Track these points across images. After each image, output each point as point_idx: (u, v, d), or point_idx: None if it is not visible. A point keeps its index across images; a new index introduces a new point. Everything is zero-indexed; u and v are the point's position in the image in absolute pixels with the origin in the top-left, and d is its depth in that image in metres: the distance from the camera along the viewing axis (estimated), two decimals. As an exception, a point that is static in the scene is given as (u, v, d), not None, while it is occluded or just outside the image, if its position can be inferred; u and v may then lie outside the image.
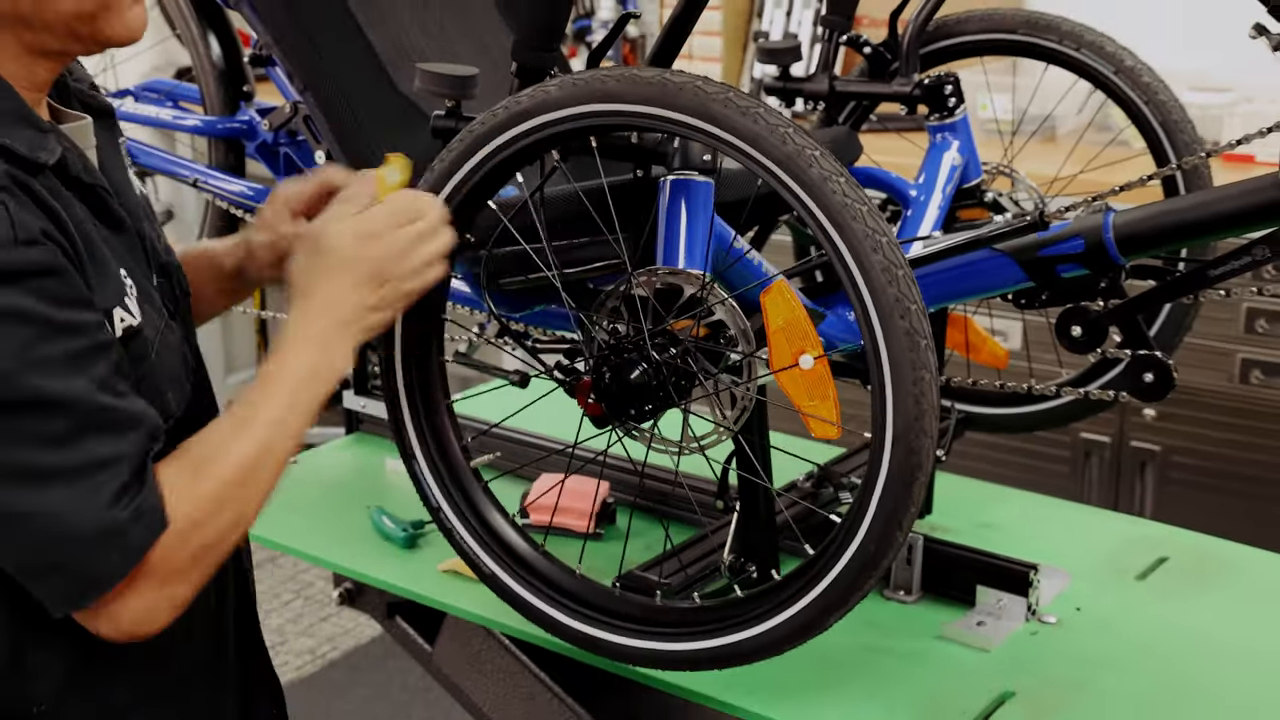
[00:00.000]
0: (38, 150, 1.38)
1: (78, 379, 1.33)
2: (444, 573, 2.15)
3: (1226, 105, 3.67)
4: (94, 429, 1.34)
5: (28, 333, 1.31)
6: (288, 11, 2.10)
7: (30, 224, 1.32)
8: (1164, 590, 2.11)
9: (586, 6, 4.74)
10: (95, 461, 1.34)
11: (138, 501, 1.36)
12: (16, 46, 1.42)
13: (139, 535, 1.36)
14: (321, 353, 1.55)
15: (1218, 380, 3.36)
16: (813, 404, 1.61)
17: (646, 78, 1.57)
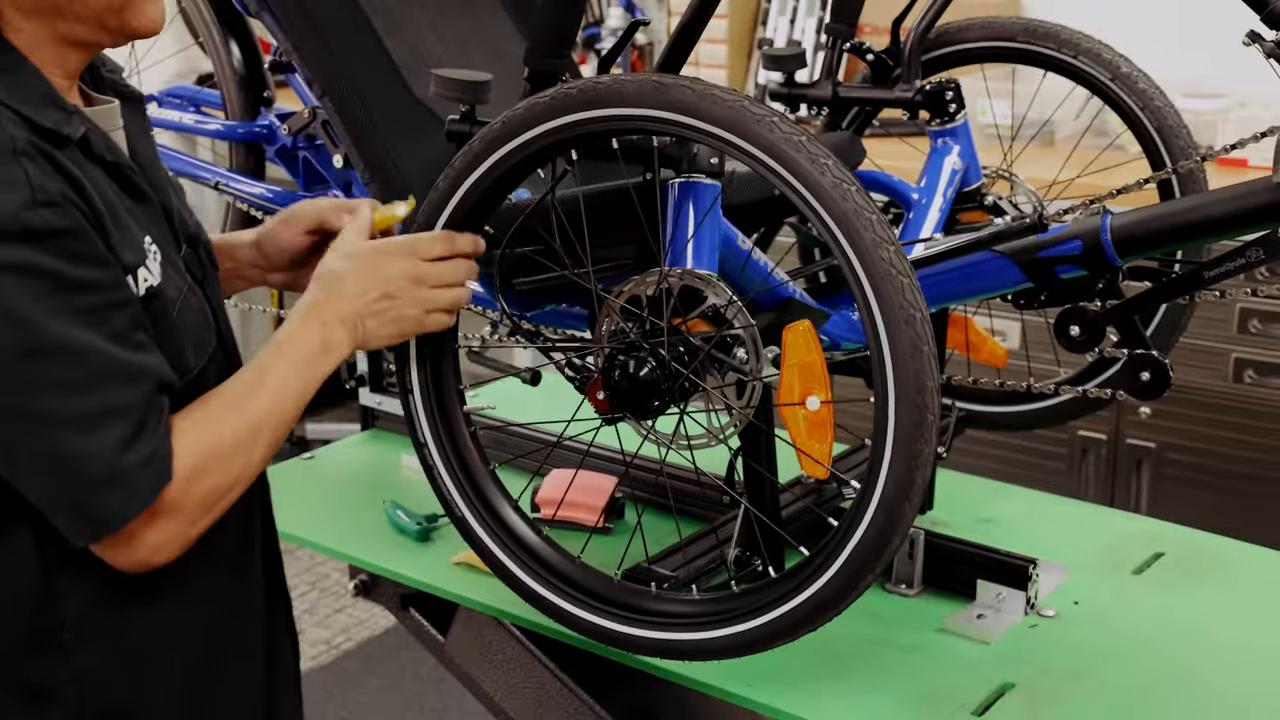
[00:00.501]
0: (63, 126, 1.47)
1: (91, 331, 1.42)
2: (456, 565, 2.19)
3: (1220, 111, 3.69)
4: (106, 379, 1.43)
5: (45, 286, 1.39)
6: (307, 19, 2.13)
7: (49, 187, 1.41)
8: (1160, 584, 2.14)
9: (596, 14, 4.77)
10: (107, 409, 1.43)
11: (148, 449, 1.45)
12: (50, 36, 1.51)
13: (148, 480, 1.45)
14: (328, 334, 1.66)
15: (1212, 379, 3.39)
16: (808, 443, 1.66)
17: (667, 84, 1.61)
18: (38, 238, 1.39)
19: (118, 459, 1.43)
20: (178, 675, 1.64)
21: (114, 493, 1.44)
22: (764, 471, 1.85)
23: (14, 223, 1.38)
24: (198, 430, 1.52)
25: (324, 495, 2.47)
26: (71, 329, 1.41)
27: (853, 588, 1.61)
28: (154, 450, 1.45)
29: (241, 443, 1.55)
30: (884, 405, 1.54)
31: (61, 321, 1.40)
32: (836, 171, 1.53)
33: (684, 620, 1.75)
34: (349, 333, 1.68)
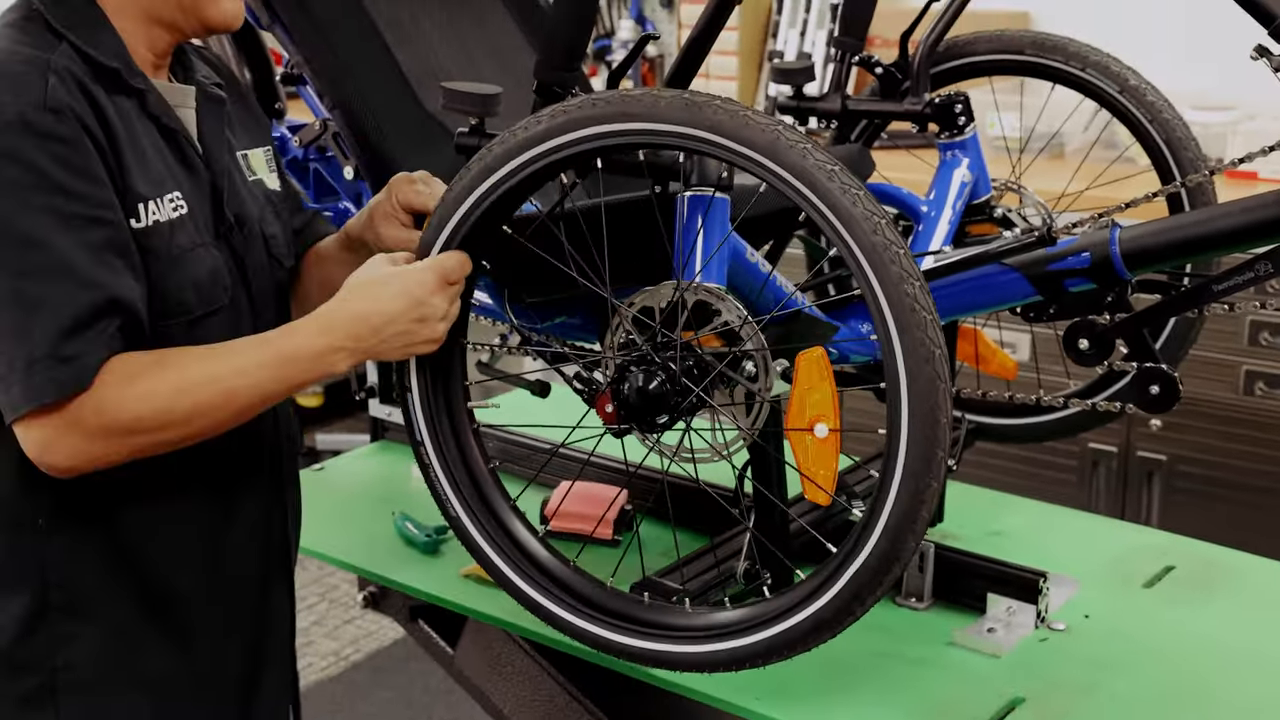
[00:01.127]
0: (128, 78, 1.64)
1: (62, 232, 1.53)
2: (465, 577, 2.19)
3: (1229, 123, 3.69)
4: (57, 275, 1.53)
5: (28, 178, 1.52)
6: (318, 32, 2.14)
7: (63, 99, 1.55)
8: (1171, 598, 2.13)
9: (606, 27, 4.78)
10: (46, 300, 1.53)
11: (70, 350, 1.53)
12: (135, 9, 1.68)
13: (58, 378, 1.53)
14: (329, 349, 1.68)
15: (1222, 392, 3.38)
16: (813, 469, 1.66)
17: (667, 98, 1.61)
18: (36, 134, 1.52)
19: (37, 347, 1.52)
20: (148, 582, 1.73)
21: (24, 379, 1.53)
22: (767, 494, 1.84)
23: (16, 117, 1.52)
24: (141, 366, 1.58)
25: (333, 506, 2.48)
26: (41, 222, 1.52)
27: (850, 612, 1.62)
28: (76, 354, 1.53)
29: (172, 395, 1.59)
30: (895, 437, 1.54)
31: (33, 213, 1.52)
32: (868, 204, 1.53)
33: (682, 633, 1.75)
34: (353, 353, 1.70)
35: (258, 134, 1.91)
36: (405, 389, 1.86)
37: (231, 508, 1.80)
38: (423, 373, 1.85)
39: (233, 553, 1.81)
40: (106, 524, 1.69)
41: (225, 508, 1.79)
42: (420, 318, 1.71)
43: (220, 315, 1.73)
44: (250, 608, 1.85)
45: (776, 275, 1.86)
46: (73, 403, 1.54)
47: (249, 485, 1.82)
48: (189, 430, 1.63)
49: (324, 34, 2.14)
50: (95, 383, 1.55)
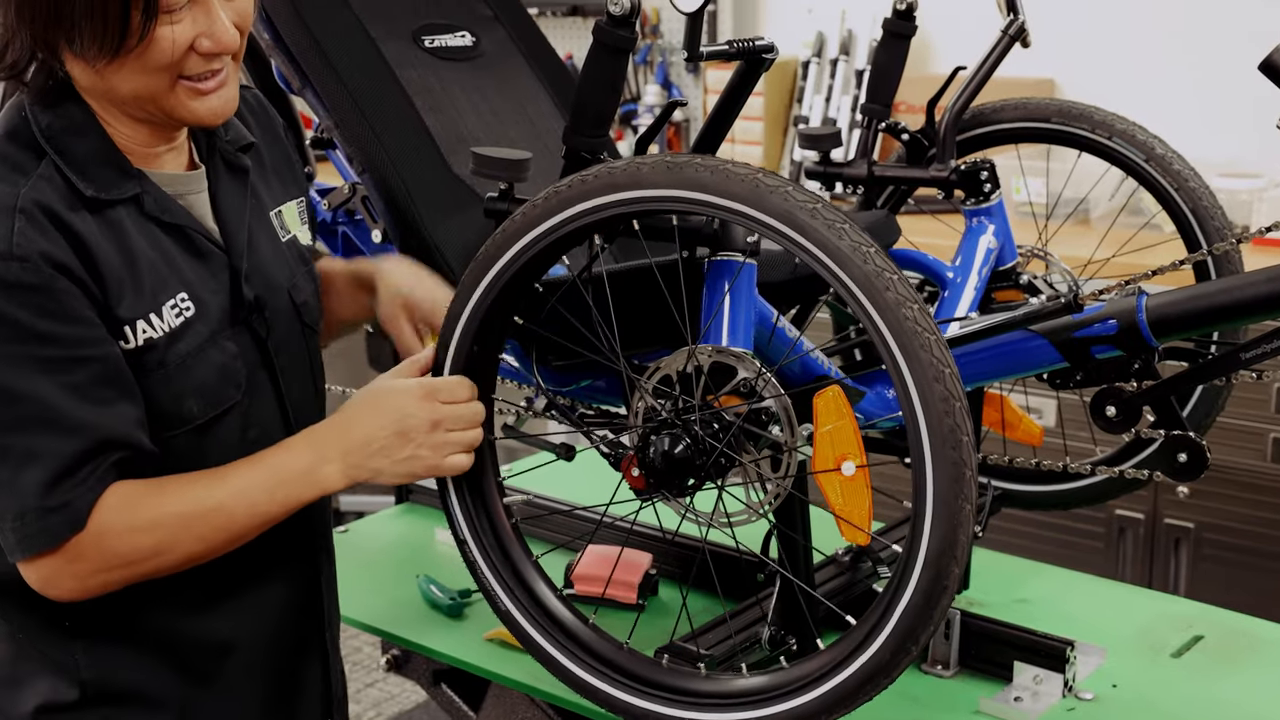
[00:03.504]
0: (110, 189, 1.61)
1: (42, 379, 1.52)
2: (489, 641, 2.19)
3: (1255, 191, 3.69)
4: (39, 425, 1.53)
5: (1, 332, 1.51)
6: (349, 98, 2.16)
7: (29, 246, 1.52)
8: (1199, 668, 2.12)
9: (634, 92, 4.82)
10: (31, 452, 1.53)
11: (61, 499, 1.54)
12: (117, 112, 1.64)
13: (51, 527, 1.54)
14: (318, 464, 1.68)
15: (1251, 459, 3.37)
16: (847, 509, 1.65)
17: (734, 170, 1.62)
18: (4, 287, 1.50)
19: (26, 501, 1.53)
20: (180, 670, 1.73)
21: (16, 530, 1.54)
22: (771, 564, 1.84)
23: None
24: (139, 496, 1.59)
25: (357, 569, 2.47)
26: (18, 374, 1.51)
27: (897, 663, 1.60)
28: (65, 502, 1.54)
29: (169, 525, 1.60)
30: (921, 495, 1.54)
31: (9, 364, 1.51)
32: (854, 235, 1.53)
33: (705, 699, 1.74)
34: (344, 468, 1.68)
35: (291, 183, 1.91)
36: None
37: (265, 587, 1.80)
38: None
39: (268, 629, 1.81)
40: (136, 614, 1.69)
41: (259, 586, 1.79)
42: (401, 431, 1.69)
43: (232, 413, 1.71)
44: (287, 678, 1.85)
45: (804, 340, 1.86)
46: (69, 542, 1.56)
47: (283, 562, 1.82)
48: (189, 556, 1.63)
49: (355, 99, 2.16)
50: (91, 519, 1.56)
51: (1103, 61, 4.12)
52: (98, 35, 1.53)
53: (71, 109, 1.62)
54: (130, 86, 1.59)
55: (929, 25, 2.69)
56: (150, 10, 1.54)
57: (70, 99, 1.62)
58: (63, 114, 1.62)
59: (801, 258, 1.56)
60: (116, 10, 1.53)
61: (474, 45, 2.39)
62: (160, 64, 1.58)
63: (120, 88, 1.60)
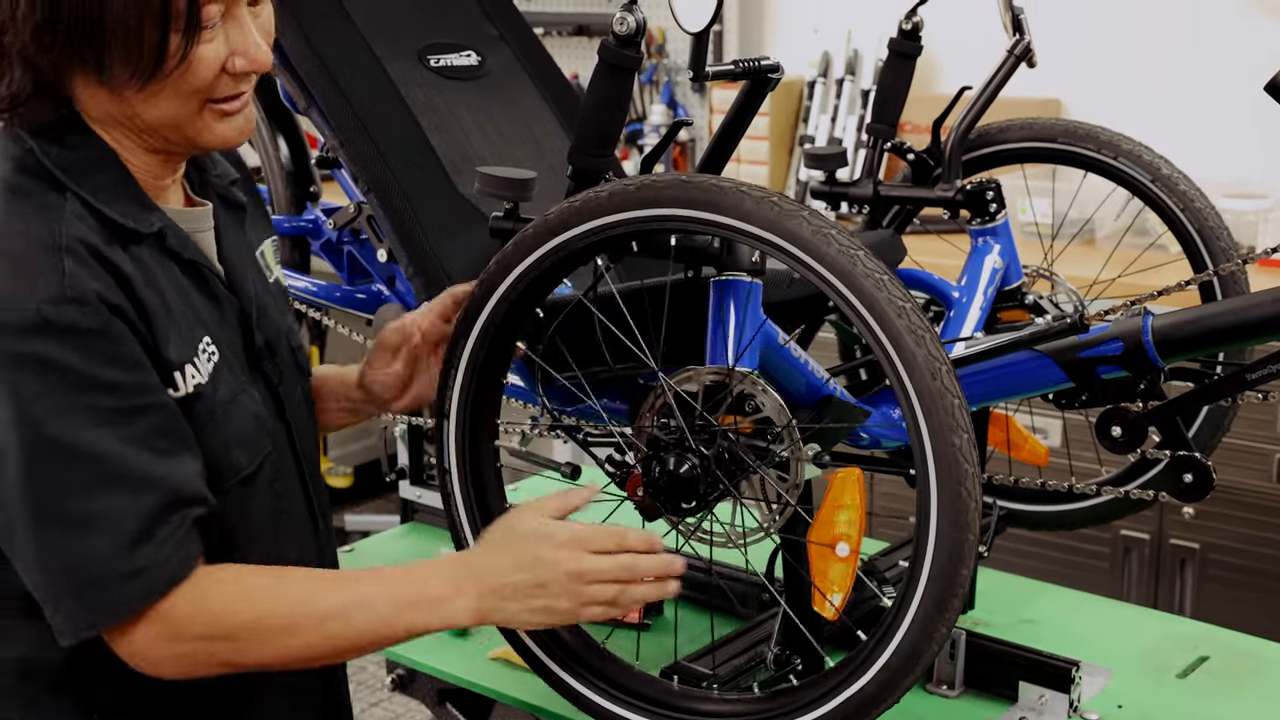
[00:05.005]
0: (138, 222, 1.50)
1: (105, 432, 1.42)
2: (494, 660, 2.19)
3: (1261, 211, 3.70)
4: (109, 484, 1.42)
5: (59, 382, 1.39)
6: (355, 117, 2.17)
7: (83, 286, 1.41)
8: (1205, 689, 2.11)
9: (639, 111, 4.83)
10: (104, 515, 1.42)
11: (144, 561, 1.43)
12: (131, 143, 1.54)
13: (133, 592, 1.44)
14: (452, 596, 1.57)
15: (1256, 480, 3.37)
16: (825, 583, 1.67)
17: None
18: (59, 333, 1.39)
19: (100, 568, 1.43)
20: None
21: (92, 601, 1.44)
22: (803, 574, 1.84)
23: (35, 316, 1.39)
24: (250, 574, 1.52)
25: (363, 588, 2.46)
26: (81, 429, 1.40)
27: (900, 683, 1.60)
28: (149, 564, 1.44)
29: (280, 612, 1.51)
30: (925, 516, 1.54)
31: (71, 420, 1.40)
32: (893, 288, 1.53)
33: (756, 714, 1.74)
34: (476, 605, 1.57)
35: (263, 220, 1.81)
36: (444, 471, 1.87)
37: None
38: (461, 461, 1.86)
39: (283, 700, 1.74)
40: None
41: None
42: (540, 582, 1.57)
43: (266, 465, 1.63)
44: None
45: (808, 359, 1.87)
46: (158, 608, 1.45)
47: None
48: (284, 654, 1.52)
49: (360, 118, 2.17)
50: (192, 585, 1.46)
51: (1109, 82, 4.13)
52: (132, 60, 1.44)
53: (82, 141, 1.51)
54: (157, 113, 1.50)
55: (935, 45, 2.69)
56: (191, 30, 1.45)
57: (77, 130, 1.52)
58: (73, 146, 1.51)
59: (809, 278, 1.56)
60: (154, 33, 1.43)
61: (479, 65, 2.39)
62: (195, 87, 1.49)
63: (145, 115, 1.50)
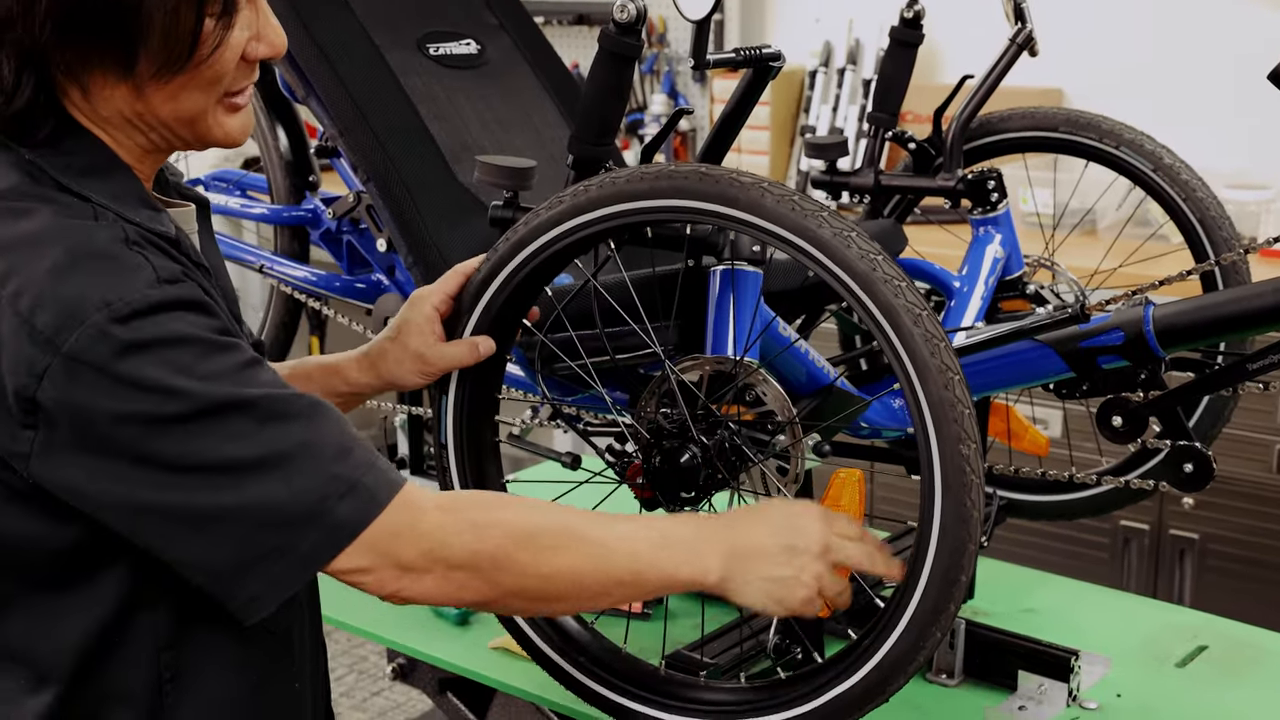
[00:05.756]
0: (157, 226, 1.43)
1: (246, 386, 1.36)
2: (494, 650, 2.19)
3: (1263, 202, 3.69)
4: (279, 419, 1.36)
5: (188, 353, 1.34)
6: (354, 106, 2.17)
7: (171, 267, 1.37)
8: (1204, 678, 2.11)
9: (640, 101, 4.82)
10: (291, 445, 1.36)
11: (357, 469, 1.38)
12: (131, 142, 1.46)
13: (354, 507, 1.37)
14: (702, 544, 1.52)
15: (1256, 470, 3.37)
16: None
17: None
18: (170, 308, 1.34)
19: (313, 492, 1.36)
20: None
21: (315, 527, 1.37)
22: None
23: (144, 300, 1.33)
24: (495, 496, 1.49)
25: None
26: (225, 386, 1.34)
27: (901, 672, 1.60)
28: (359, 476, 1.38)
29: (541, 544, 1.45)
30: (930, 501, 1.54)
31: (212, 382, 1.34)
32: (929, 324, 1.53)
33: (726, 709, 1.74)
34: (725, 563, 1.51)
35: None
36: (442, 445, 1.87)
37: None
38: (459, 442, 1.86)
39: None
40: None
41: None
42: (791, 546, 1.52)
43: None
44: None
45: (809, 349, 1.87)
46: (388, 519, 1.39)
47: None
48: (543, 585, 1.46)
49: (359, 107, 2.17)
50: (431, 498, 1.42)
51: (1110, 71, 4.12)
52: (166, 48, 1.37)
53: (80, 145, 1.43)
54: (174, 107, 1.43)
55: (936, 34, 2.69)
56: (227, 14, 1.40)
57: (72, 134, 1.43)
58: (72, 152, 1.42)
59: (812, 268, 1.56)
60: (190, 18, 1.37)
61: (479, 53, 2.39)
62: (220, 74, 1.43)
63: (161, 110, 1.43)
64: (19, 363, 1.31)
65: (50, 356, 1.30)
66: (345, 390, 1.86)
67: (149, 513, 1.35)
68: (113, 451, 1.33)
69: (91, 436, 1.32)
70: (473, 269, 1.81)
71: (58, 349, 1.30)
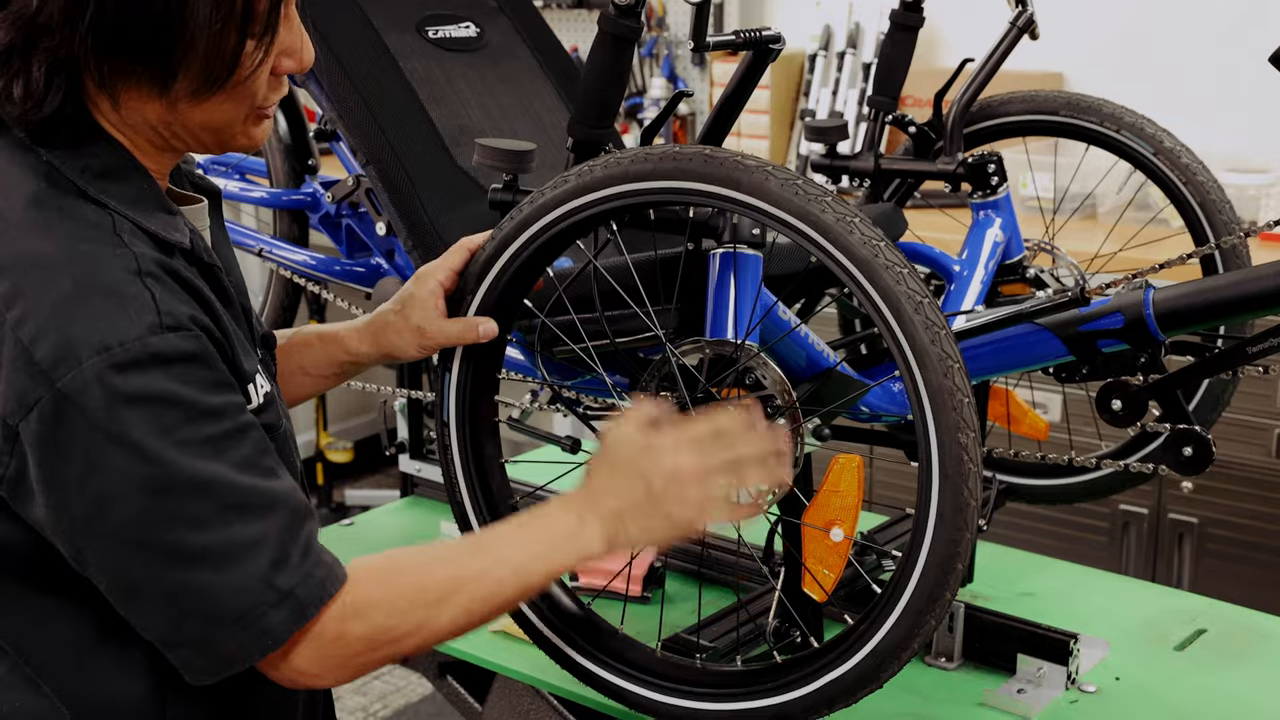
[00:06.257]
0: (172, 233, 1.42)
1: (219, 462, 1.35)
2: (494, 634, 2.19)
3: (1263, 186, 3.69)
4: (235, 511, 1.35)
5: (173, 417, 1.32)
6: (353, 89, 2.16)
7: (177, 311, 1.35)
8: (1202, 661, 2.12)
9: (639, 85, 4.81)
10: (239, 543, 1.35)
11: (290, 581, 1.37)
12: (149, 145, 1.45)
13: (281, 619, 1.37)
14: (579, 526, 1.52)
15: (1255, 454, 3.37)
16: (817, 565, 1.69)
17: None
18: (165, 363, 1.33)
19: (249, 597, 1.36)
20: None
21: (243, 631, 1.37)
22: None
23: (142, 349, 1.31)
24: (391, 568, 1.47)
25: (363, 561, 2.47)
26: (198, 461, 1.34)
27: (898, 656, 1.60)
28: (297, 582, 1.38)
29: (435, 595, 1.46)
30: (927, 486, 1.54)
31: (189, 453, 1.33)
32: (930, 312, 1.54)
33: (723, 691, 1.74)
34: (602, 531, 1.52)
35: None
36: (444, 423, 1.87)
37: None
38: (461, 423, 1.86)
39: None
40: None
41: None
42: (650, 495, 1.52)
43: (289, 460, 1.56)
44: None
45: (809, 332, 1.86)
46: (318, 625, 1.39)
47: None
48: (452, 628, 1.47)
49: (359, 91, 2.17)
50: (345, 596, 1.41)
51: (1111, 55, 4.12)
52: (207, 67, 1.37)
53: (99, 148, 1.42)
54: (205, 119, 1.43)
55: (937, 17, 2.68)
56: (269, 35, 1.39)
57: (89, 135, 1.41)
58: (91, 154, 1.41)
59: (814, 253, 1.56)
60: (233, 39, 1.37)
61: (478, 36, 2.39)
62: (255, 91, 1.43)
63: (192, 122, 1.43)
64: (12, 389, 1.31)
65: (44, 390, 1.30)
66: (345, 359, 1.86)
67: (89, 566, 1.37)
68: (74, 498, 1.33)
69: (60, 477, 1.33)
70: (478, 244, 1.81)
71: (52, 383, 1.30)
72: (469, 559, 1.50)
